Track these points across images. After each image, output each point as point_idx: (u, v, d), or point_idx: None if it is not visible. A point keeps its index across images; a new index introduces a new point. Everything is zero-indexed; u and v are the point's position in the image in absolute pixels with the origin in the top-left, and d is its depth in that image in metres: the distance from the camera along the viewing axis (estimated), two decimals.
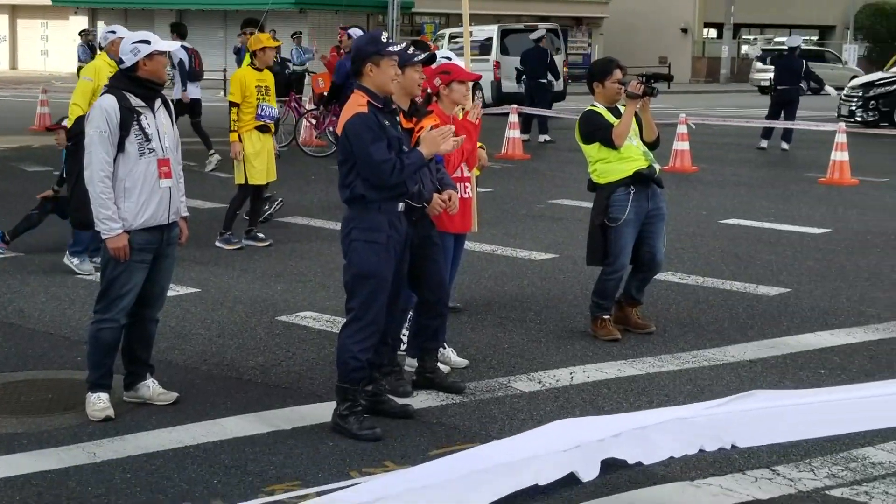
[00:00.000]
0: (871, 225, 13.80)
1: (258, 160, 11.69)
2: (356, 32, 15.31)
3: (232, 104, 11.57)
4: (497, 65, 31.89)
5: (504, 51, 31.90)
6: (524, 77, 24.92)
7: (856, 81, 29.15)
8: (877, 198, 16.12)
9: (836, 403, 6.52)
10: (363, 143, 6.28)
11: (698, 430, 6.07)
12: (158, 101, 6.77)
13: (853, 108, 27.58)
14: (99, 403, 6.67)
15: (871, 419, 6.37)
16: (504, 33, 32.39)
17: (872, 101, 27.36)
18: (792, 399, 6.59)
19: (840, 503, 5.56)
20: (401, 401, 6.90)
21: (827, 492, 5.69)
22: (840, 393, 6.82)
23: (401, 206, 6.50)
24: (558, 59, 28.06)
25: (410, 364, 7.47)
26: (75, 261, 10.55)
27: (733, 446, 6.05)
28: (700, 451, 5.96)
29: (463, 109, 7.88)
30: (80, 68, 20.84)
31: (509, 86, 29.60)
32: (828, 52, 51.12)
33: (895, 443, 6.34)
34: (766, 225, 13.77)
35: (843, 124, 18.91)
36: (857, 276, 10.86)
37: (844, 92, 28.42)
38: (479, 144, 8.14)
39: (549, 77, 24.55)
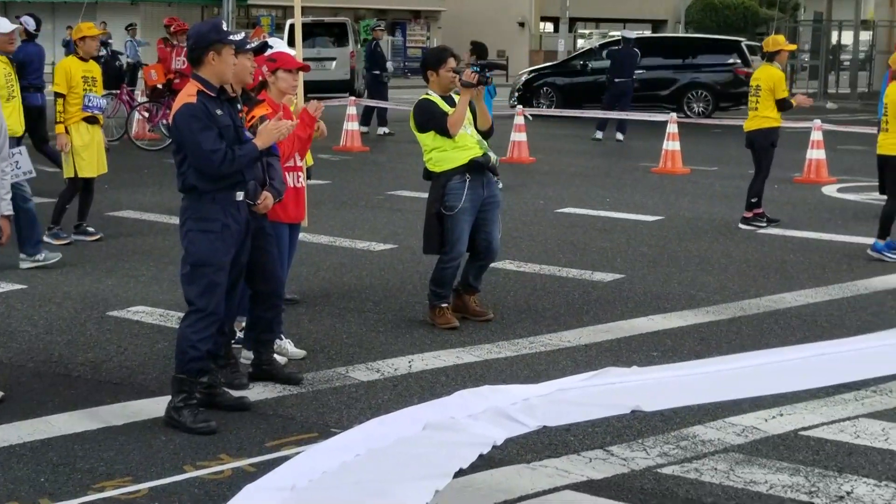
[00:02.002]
0: (702, 212, 14.15)
1: (87, 152, 11.37)
2: (28, 21, 14.22)
3: (57, 95, 11.23)
4: (353, 55, 32.27)
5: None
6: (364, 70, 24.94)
7: None
8: (707, 186, 16.53)
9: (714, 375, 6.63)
10: (192, 132, 6.21)
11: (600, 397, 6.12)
12: None
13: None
14: None
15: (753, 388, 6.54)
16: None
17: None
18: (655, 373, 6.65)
19: (672, 480, 5.67)
20: (236, 393, 6.80)
21: (659, 470, 5.79)
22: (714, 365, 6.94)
23: (239, 194, 6.41)
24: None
25: (246, 356, 7.36)
26: (40, 256, 10.32)
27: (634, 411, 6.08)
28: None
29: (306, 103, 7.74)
30: None
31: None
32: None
33: (723, 420, 6.50)
34: (601, 213, 14.00)
35: (674, 115, 19.33)
36: (689, 261, 11.12)
37: None
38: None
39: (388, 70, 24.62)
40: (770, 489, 5.55)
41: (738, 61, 28.47)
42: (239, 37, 6.50)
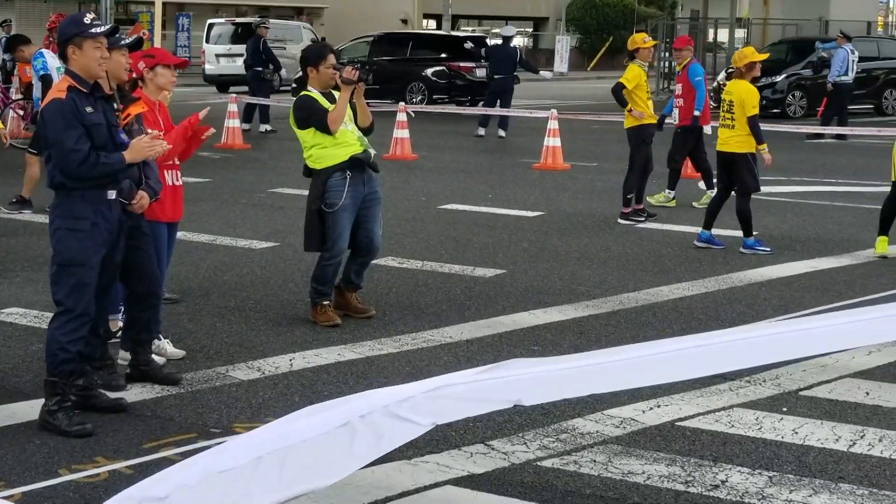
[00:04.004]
0: (582, 207, 14.31)
1: None
2: None
3: None
4: None
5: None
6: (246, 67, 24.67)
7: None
8: (587, 182, 16.72)
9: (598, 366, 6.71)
10: (56, 129, 6.11)
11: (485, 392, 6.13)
12: None
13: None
14: None
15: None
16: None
17: None
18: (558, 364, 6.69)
19: (551, 473, 5.73)
20: (113, 395, 6.69)
21: (539, 463, 5.85)
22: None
23: (111, 193, 6.30)
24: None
25: (124, 357, 7.24)
26: None
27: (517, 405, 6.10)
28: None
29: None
30: None
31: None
32: None
33: (602, 413, 6.59)
34: (484, 209, 14.08)
35: (555, 111, 19.50)
36: (569, 256, 11.24)
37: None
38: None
39: (271, 67, 24.38)
40: (647, 480, 5.64)
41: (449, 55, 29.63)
42: (103, 29, 6.32)
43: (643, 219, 13.20)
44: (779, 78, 28.03)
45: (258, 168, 18.15)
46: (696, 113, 14.02)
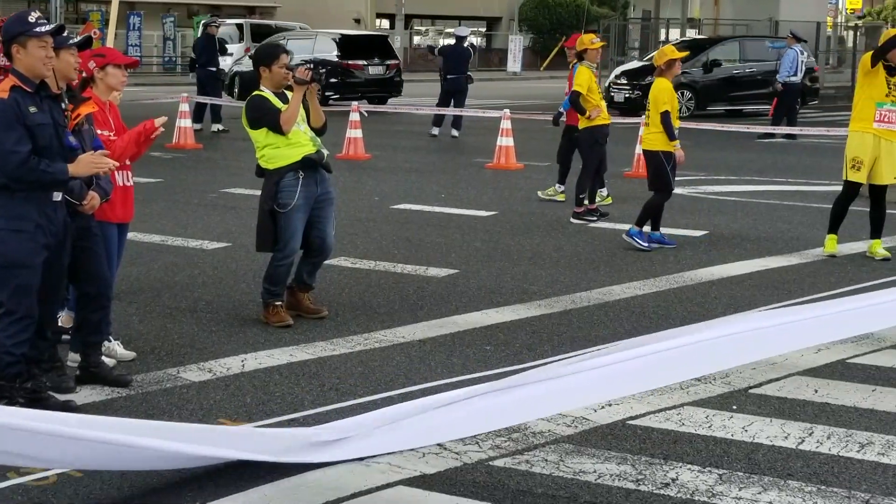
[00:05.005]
0: (535, 207, 14.35)
1: None
2: None
3: None
4: (248, 50, 32.56)
5: None
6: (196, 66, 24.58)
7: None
8: (540, 181, 16.73)
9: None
10: None
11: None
12: None
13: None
14: None
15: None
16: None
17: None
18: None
19: (503, 472, 5.74)
20: (63, 397, 6.62)
21: (491, 462, 5.86)
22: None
23: (57, 195, 6.25)
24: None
25: (73, 359, 7.18)
26: None
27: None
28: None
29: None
30: None
31: None
32: None
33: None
34: (437, 209, 14.09)
35: (507, 111, 19.54)
36: (521, 255, 11.27)
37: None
38: None
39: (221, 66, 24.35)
40: (598, 478, 5.67)
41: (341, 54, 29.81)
42: (48, 27, 6.25)
43: (596, 218, 13.26)
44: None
45: (210, 168, 18.07)
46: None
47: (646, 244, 11.51)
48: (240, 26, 40.14)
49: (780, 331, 7.66)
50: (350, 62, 29.25)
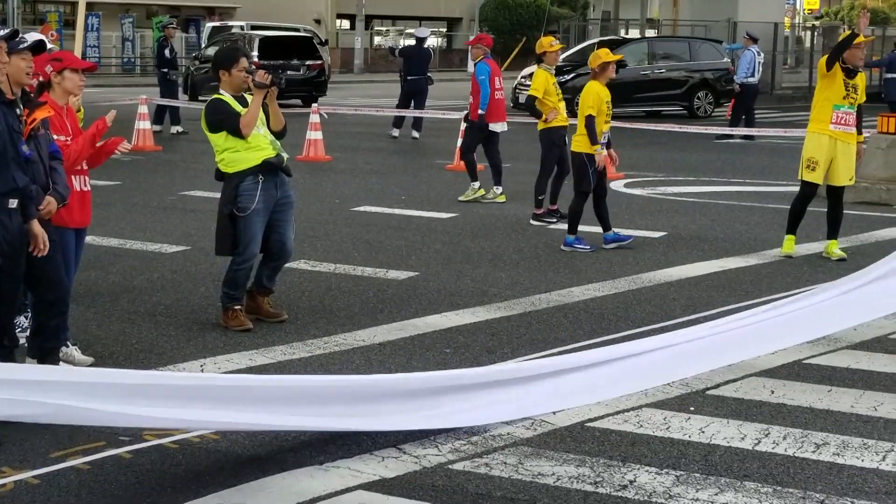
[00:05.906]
0: (495, 209, 14.39)
1: None
2: None
3: None
4: None
5: None
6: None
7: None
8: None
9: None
10: None
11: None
12: None
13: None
14: None
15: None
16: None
17: None
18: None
19: (462, 476, 5.76)
20: None
21: (450, 466, 5.88)
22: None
23: (12, 202, 6.21)
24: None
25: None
26: None
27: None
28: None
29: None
30: None
31: None
32: None
33: None
34: (397, 211, 14.10)
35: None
36: (482, 258, 11.30)
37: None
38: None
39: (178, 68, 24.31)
40: (557, 481, 5.70)
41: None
42: (4, 32, 6.23)
43: (555, 220, 13.31)
44: (567, 77, 27.47)
45: (169, 171, 17.99)
46: (481, 111, 14.56)
47: (588, 246, 11.55)
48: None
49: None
50: (263, 62, 28.63)
